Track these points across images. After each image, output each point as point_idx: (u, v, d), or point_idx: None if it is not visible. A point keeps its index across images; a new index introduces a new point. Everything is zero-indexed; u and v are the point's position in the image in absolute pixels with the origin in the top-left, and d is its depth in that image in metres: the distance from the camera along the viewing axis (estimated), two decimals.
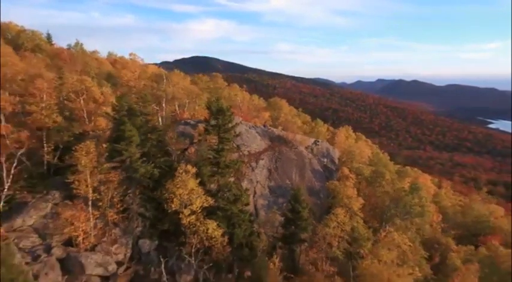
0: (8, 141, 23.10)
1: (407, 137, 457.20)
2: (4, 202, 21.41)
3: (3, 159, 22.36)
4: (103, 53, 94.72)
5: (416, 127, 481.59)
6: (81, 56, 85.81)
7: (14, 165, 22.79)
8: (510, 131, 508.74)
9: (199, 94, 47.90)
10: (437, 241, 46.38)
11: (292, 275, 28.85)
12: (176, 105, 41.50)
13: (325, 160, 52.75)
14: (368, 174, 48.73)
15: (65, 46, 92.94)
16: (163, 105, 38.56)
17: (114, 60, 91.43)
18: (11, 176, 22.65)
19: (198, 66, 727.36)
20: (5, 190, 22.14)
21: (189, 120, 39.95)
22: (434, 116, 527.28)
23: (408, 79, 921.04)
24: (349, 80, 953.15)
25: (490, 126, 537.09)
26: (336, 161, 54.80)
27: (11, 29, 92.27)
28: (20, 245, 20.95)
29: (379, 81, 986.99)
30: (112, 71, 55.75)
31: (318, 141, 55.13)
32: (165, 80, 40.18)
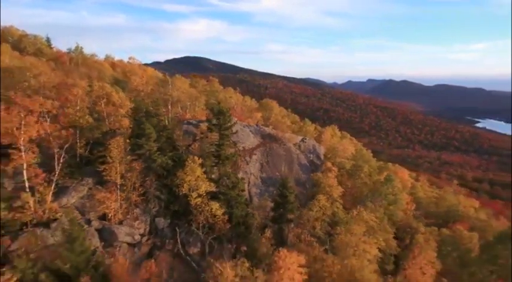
0: (51, 138, 28.98)
1: (397, 137, 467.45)
2: (55, 185, 27.29)
3: (56, 151, 28.24)
4: (96, 54, 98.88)
5: (406, 127, 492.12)
6: (81, 60, 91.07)
7: (62, 156, 28.69)
8: (497, 130, 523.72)
9: (198, 97, 54.13)
10: (409, 226, 53.26)
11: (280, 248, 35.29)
12: (179, 107, 47.62)
13: (311, 156, 59.42)
14: (349, 168, 55.57)
15: (64, 49, 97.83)
16: (169, 107, 44.67)
17: (113, 63, 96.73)
18: (60, 165, 28.57)
19: (189, 66, 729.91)
20: (56, 176, 28.03)
21: (191, 121, 46.26)
22: (423, 115, 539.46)
23: (398, 79, 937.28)
24: (340, 80, 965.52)
25: (477, 125, 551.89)
26: (322, 156, 61.50)
27: (13, 33, 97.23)
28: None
29: (370, 81, 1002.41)
30: (117, 75, 61.39)
31: (305, 139, 61.79)
32: (170, 86, 46.43)
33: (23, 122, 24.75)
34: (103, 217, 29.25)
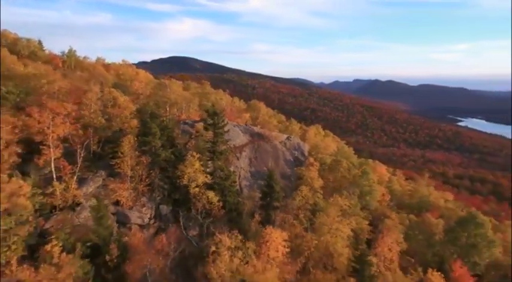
0: (70, 137, 34.08)
1: (383, 136, 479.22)
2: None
3: (78, 147, 33.33)
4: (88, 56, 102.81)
5: (391, 126, 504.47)
6: (74, 62, 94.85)
7: (83, 151, 33.81)
8: (478, 129, 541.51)
9: (192, 99, 59.59)
10: (383, 214, 59.88)
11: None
12: (175, 109, 53.01)
13: (296, 152, 65.54)
14: (329, 163, 61.88)
15: (58, 52, 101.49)
16: (167, 109, 49.96)
17: (107, 65, 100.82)
18: (81, 159, 33.67)
19: (176, 66, 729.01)
20: (78, 168, 33.15)
21: (187, 121, 51.76)
22: (407, 114, 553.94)
23: (384, 79, 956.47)
24: (327, 80, 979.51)
25: (460, 124, 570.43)
26: (306, 153, 67.67)
27: (6, 36, 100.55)
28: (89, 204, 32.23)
29: (356, 81, 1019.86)
30: (113, 78, 66.05)
31: (290, 137, 67.89)
32: (168, 89, 51.76)
33: (51, 123, 29.85)
34: (116, 204, 34.52)
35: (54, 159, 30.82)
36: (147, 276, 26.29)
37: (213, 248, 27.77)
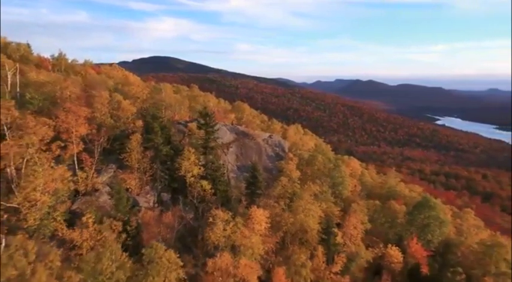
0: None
1: (364, 134, 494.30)
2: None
3: (96, 144, 40.27)
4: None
5: (372, 125, 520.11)
6: (64, 66, 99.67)
7: (99, 147, 40.73)
8: (454, 127, 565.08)
9: (183, 101, 66.88)
10: (353, 201, 68.81)
11: None
12: (170, 111, 60.23)
13: (277, 149, 73.80)
14: (307, 158, 70.44)
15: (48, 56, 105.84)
16: (163, 110, 57.12)
17: (97, 69, 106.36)
18: (98, 153, 40.61)
19: (158, 66, 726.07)
20: (95, 161, 40.08)
21: (180, 121, 59.19)
22: (387, 114, 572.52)
23: (364, 79, 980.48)
24: (310, 80, 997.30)
25: (437, 122, 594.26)
26: (286, 149, 76.03)
27: None
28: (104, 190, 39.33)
29: (338, 81, 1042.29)
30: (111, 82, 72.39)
31: (272, 135, 76.17)
32: (163, 93, 58.91)
33: (75, 124, 36.79)
34: (126, 190, 41.71)
35: (77, 153, 37.76)
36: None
37: (211, 219, 35.49)
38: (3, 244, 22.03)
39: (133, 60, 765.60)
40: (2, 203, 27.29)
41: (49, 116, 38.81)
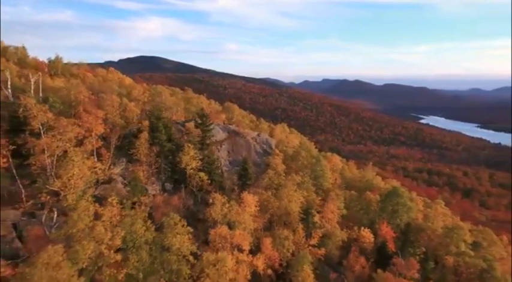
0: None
1: (350, 134, 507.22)
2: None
3: (112, 141, 47.73)
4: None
5: (358, 124, 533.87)
6: (60, 68, 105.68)
7: (113, 143, 48.22)
8: (438, 126, 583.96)
9: (179, 103, 74.66)
10: (336, 194, 77.66)
11: None
12: (169, 112, 67.92)
13: (265, 146, 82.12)
14: (291, 154, 79.05)
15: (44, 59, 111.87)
16: (163, 112, 64.70)
17: (93, 71, 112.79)
18: (112, 149, 48.09)
19: (145, 66, 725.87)
20: (111, 155, 47.57)
21: (178, 121, 66.98)
22: (373, 113, 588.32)
23: (351, 79, 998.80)
24: (297, 80, 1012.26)
25: (421, 121, 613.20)
26: (273, 146, 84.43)
27: None
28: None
29: (325, 81, 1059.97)
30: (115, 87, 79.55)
31: (260, 134, 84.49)
32: (164, 96, 66.58)
33: (95, 124, 44.30)
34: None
35: (97, 149, 45.26)
36: None
37: (211, 201, 43.56)
38: (55, 214, 29.30)
39: (120, 60, 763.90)
40: (46, 186, 34.85)
41: (67, 116, 46.12)
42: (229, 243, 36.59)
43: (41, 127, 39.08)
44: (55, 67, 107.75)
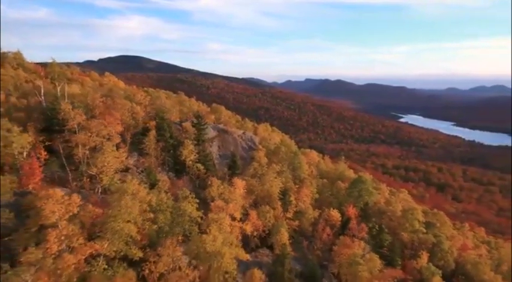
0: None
1: (332, 133, 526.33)
2: None
3: (128, 138, 59.94)
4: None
5: (340, 123, 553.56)
6: (57, 73, 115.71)
7: (129, 139, 60.45)
8: (417, 124, 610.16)
9: (175, 106, 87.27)
10: (310, 182, 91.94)
11: None
12: (168, 113, 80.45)
13: (250, 143, 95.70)
14: (273, 149, 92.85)
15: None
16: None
17: (90, 75, 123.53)
18: (127, 145, 60.33)
19: (127, 65, 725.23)
20: (127, 149, 59.86)
21: (175, 121, 79.72)
22: (354, 112, 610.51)
23: (333, 78, 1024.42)
24: (280, 80, 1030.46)
25: (401, 120, 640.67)
26: (256, 143, 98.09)
27: None
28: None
29: (308, 80, 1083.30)
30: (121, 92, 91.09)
31: (245, 132, 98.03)
32: (163, 100, 78.99)
33: (115, 123, 56.60)
34: None
35: (117, 144, 57.67)
36: None
37: (209, 183, 56.77)
38: (100, 188, 41.55)
39: (100, 60, 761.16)
40: (87, 171, 47.34)
41: (88, 118, 58.13)
42: (225, 213, 49.65)
43: (76, 127, 51.40)
44: (52, 72, 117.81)
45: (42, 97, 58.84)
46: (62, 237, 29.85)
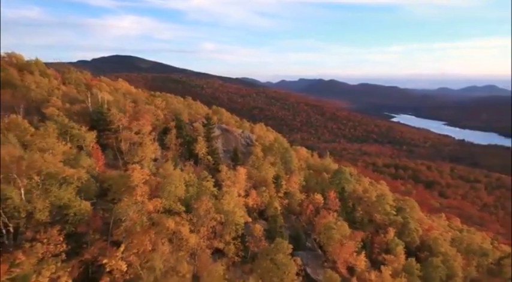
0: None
1: (325, 132, 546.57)
2: None
3: (154, 135, 78.89)
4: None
5: (333, 122, 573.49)
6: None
7: (156, 136, 79.47)
8: (409, 124, 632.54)
9: (185, 109, 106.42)
10: (299, 172, 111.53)
11: None
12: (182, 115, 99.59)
13: (248, 140, 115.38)
14: (267, 145, 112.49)
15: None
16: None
17: (100, 79, 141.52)
18: (155, 140, 79.31)
19: (120, 65, 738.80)
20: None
21: (187, 121, 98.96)
22: (347, 112, 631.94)
23: (327, 78, 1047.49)
24: (274, 80, 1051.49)
25: (393, 120, 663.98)
26: (253, 140, 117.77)
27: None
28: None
29: (302, 80, 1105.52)
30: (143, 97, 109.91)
31: (244, 131, 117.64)
32: (176, 104, 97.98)
33: (147, 124, 75.53)
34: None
35: (151, 140, 76.65)
36: None
37: (220, 168, 76.18)
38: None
39: (93, 59, 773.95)
40: (132, 159, 66.38)
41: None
42: (234, 188, 69.06)
43: (121, 126, 70.51)
44: (69, 78, 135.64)
45: (89, 103, 77.64)
46: (142, 193, 48.65)
